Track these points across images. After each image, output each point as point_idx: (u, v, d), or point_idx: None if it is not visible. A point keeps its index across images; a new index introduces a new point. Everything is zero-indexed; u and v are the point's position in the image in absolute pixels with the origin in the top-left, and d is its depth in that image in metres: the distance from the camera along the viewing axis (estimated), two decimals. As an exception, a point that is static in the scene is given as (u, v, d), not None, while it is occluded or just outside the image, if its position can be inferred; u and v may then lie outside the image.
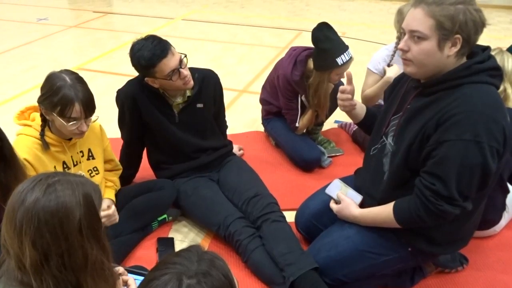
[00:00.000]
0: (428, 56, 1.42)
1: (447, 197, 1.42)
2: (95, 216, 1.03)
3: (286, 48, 4.79)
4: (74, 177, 1.04)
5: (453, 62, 1.44)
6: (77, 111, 1.67)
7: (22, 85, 3.89)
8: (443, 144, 1.40)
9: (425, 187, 1.45)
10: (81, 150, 1.90)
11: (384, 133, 1.70)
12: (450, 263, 1.90)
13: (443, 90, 1.45)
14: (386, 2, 7.00)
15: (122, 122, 2.18)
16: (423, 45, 1.41)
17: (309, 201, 2.03)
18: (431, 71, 1.47)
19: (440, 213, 1.45)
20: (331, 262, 1.71)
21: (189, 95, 2.14)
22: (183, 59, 2.00)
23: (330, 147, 2.87)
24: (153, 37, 1.97)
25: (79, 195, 1.00)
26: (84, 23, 5.87)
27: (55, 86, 1.67)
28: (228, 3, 7.03)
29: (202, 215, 2.09)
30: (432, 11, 1.38)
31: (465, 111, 1.37)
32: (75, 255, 0.99)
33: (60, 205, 0.97)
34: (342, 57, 2.39)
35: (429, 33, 1.39)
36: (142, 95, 2.08)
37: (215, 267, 0.88)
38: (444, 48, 1.40)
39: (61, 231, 0.97)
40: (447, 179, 1.40)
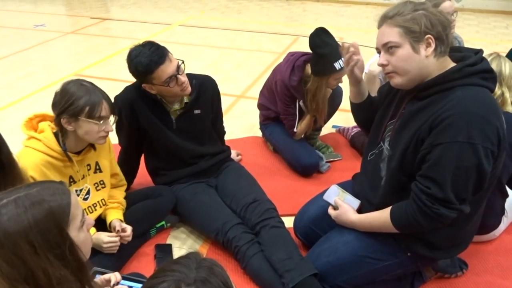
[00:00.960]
0: (407, 61, 1.46)
1: (442, 200, 1.42)
2: (54, 232, 0.96)
3: (284, 53, 4.80)
4: (29, 193, 0.97)
5: (434, 61, 1.46)
6: (106, 110, 1.74)
7: (19, 91, 3.88)
8: (437, 147, 1.40)
9: (420, 191, 1.45)
10: (88, 163, 1.90)
11: (381, 139, 1.70)
12: (450, 268, 1.89)
13: (436, 93, 1.46)
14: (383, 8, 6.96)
15: (120, 129, 2.17)
16: (399, 52, 1.46)
17: (308, 206, 2.03)
18: (416, 76, 1.49)
19: (436, 216, 1.44)
20: (331, 268, 1.70)
21: (187, 102, 2.14)
22: (181, 65, 2.00)
23: (328, 152, 2.87)
24: (151, 43, 1.97)
25: (28, 216, 0.93)
26: (81, 29, 5.87)
27: (76, 92, 1.70)
28: (225, 9, 7.05)
29: (201, 221, 2.09)
30: (395, 21, 1.45)
31: (458, 113, 1.38)
32: (38, 277, 0.94)
33: (5, 233, 0.91)
34: (340, 62, 2.39)
35: (400, 40, 1.45)
36: (140, 102, 2.08)
37: (214, 274, 0.87)
38: (420, 50, 1.44)
39: (15, 258, 0.92)
40: (442, 182, 1.41)
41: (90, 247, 1.11)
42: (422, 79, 1.48)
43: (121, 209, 2.02)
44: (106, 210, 1.97)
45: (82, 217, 1.05)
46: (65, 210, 0.99)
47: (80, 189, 1.87)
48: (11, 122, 3.28)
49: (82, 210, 1.06)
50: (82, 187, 1.88)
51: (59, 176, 1.80)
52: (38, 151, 1.75)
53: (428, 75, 1.47)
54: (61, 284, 0.95)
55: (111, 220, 1.92)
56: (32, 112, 1.87)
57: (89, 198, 1.91)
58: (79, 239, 1.02)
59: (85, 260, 1.04)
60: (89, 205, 1.90)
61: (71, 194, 1.02)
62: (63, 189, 1.02)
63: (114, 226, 1.89)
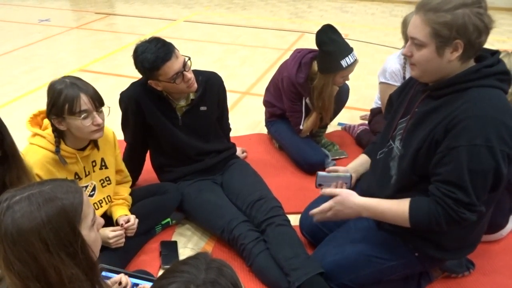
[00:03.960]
0: (428, 61, 1.43)
1: (467, 203, 1.40)
2: (66, 230, 0.96)
3: (289, 50, 4.78)
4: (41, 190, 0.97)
5: (457, 66, 1.43)
6: (85, 102, 1.67)
7: (24, 86, 3.88)
8: (454, 150, 1.38)
9: (445, 195, 1.42)
10: (94, 160, 1.88)
11: (391, 137, 1.68)
12: (457, 268, 1.88)
13: (451, 94, 1.44)
14: (388, 4, 6.98)
15: (126, 125, 2.16)
16: (423, 51, 1.43)
17: (314, 204, 2.00)
18: (434, 75, 1.47)
19: (461, 220, 1.42)
20: (337, 267, 1.69)
21: (193, 98, 2.13)
22: (187, 62, 1.99)
23: (334, 149, 2.85)
24: (157, 39, 1.96)
25: (41, 213, 0.93)
26: (86, 24, 5.86)
27: (57, 90, 1.67)
28: (230, 4, 7.02)
29: (206, 218, 2.08)
30: (428, 19, 1.38)
31: (475, 116, 1.36)
32: (49, 275, 0.94)
33: (19, 230, 0.92)
34: (347, 60, 2.38)
35: (427, 40, 1.40)
36: (146, 98, 2.07)
37: (224, 275, 0.86)
38: (444, 54, 1.40)
39: (27, 255, 0.92)
40: (466, 187, 1.39)
41: (99, 247, 1.10)
42: (441, 77, 1.46)
43: (127, 205, 2.01)
44: (112, 206, 1.97)
45: (94, 217, 1.05)
46: (77, 208, 0.99)
47: (85, 185, 1.86)
48: (15, 117, 3.27)
49: (93, 210, 1.06)
50: (87, 183, 1.87)
51: (64, 173, 1.79)
52: (43, 148, 1.74)
53: (447, 75, 1.45)
54: (72, 282, 0.95)
55: (117, 217, 1.91)
56: (37, 108, 1.86)
57: (95, 194, 1.90)
58: (90, 238, 1.01)
59: (95, 259, 1.03)
60: (95, 201, 1.89)
61: (83, 193, 1.02)
62: (75, 188, 1.02)
63: (120, 222, 1.89)
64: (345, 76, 2.47)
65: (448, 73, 1.44)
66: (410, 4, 6.90)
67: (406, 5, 6.88)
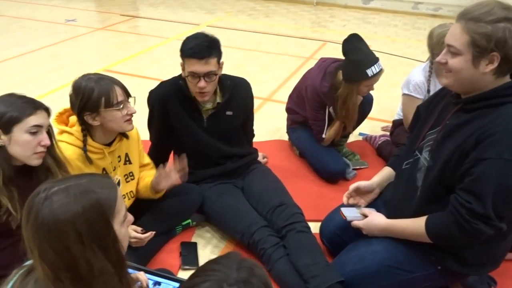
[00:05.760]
0: (461, 70, 1.43)
1: (483, 215, 1.39)
2: (100, 223, 0.98)
3: (311, 58, 4.80)
4: (78, 183, 0.99)
5: (491, 79, 1.42)
6: (120, 94, 1.74)
7: (48, 84, 3.96)
8: (482, 162, 1.38)
9: (460, 204, 1.43)
10: (119, 155, 1.92)
11: (418, 148, 1.68)
12: (478, 285, 1.86)
13: (485, 108, 1.44)
14: (411, 17, 6.96)
15: (151, 124, 2.20)
16: (458, 60, 1.43)
17: (335, 213, 2.01)
18: (467, 85, 1.47)
19: (474, 231, 1.42)
20: (357, 276, 1.69)
21: (219, 101, 2.15)
22: (214, 76, 2.00)
23: (354, 159, 2.85)
24: (205, 35, 2.02)
25: (77, 204, 0.96)
26: (111, 25, 5.96)
27: (87, 87, 1.71)
28: (252, 11, 7.07)
29: (226, 221, 2.09)
30: (468, 28, 1.38)
31: (506, 130, 1.36)
32: (80, 268, 0.96)
33: (55, 220, 0.94)
34: (373, 69, 2.38)
35: (463, 49, 1.40)
36: (173, 98, 2.10)
37: (255, 275, 0.87)
38: (479, 65, 1.40)
39: (61, 245, 0.94)
40: (484, 198, 1.38)
41: (127, 243, 1.12)
42: (473, 90, 1.46)
43: None
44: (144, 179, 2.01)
45: (125, 213, 1.07)
46: (111, 203, 1.01)
47: (111, 180, 1.90)
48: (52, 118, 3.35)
49: (125, 206, 1.08)
50: (113, 178, 1.90)
51: (93, 168, 1.82)
52: (72, 145, 1.78)
53: (480, 88, 1.44)
54: (101, 275, 0.97)
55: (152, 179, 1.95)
56: (62, 106, 1.90)
57: (119, 189, 1.94)
58: (121, 234, 1.04)
59: (124, 254, 1.06)
60: (119, 196, 1.93)
61: (117, 189, 1.04)
62: (110, 183, 1.05)
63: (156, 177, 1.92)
64: (370, 86, 2.47)
65: (481, 86, 1.44)
66: (435, 17, 6.88)
67: (430, 18, 6.84)
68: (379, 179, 1.90)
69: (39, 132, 1.54)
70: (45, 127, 1.57)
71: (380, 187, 1.89)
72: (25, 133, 1.51)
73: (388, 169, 1.94)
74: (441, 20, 6.64)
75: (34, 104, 1.55)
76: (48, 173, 1.65)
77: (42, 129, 1.55)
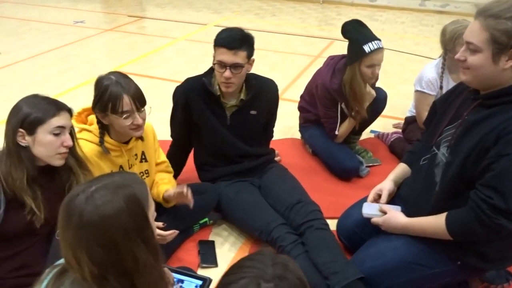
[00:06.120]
0: (481, 67, 1.44)
1: (504, 211, 1.40)
2: (140, 216, 1.01)
3: (319, 57, 4.81)
4: (113, 180, 1.02)
5: (511, 75, 1.43)
6: (127, 104, 1.70)
7: (59, 86, 3.99)
8: (503, 158, 1.39)
9: (481, 200, 1.44)
10: (135, 153, 1.94)
11: (435, 143, 1.69)
12: (496, 279, 1.87)
13: (505, 103, 1.44)
14: (418, 14, 6.95)
15: (173, 119, 2.22)
16: (477, 56, 1.43)
17: (352, 210, 2.03)
18: (486, 82, 1.48)
19: (496, 227, 1.43)
20: (377, 272, 1.70)
21: (243, 98, 2.17)
22: (241, 68, 2.01)
23: (367, 156, 2.86)
24: (240, 30, 2.04)
25: (119, 199, 0.98)
26: (119, 26, 5.99)
27: (103, 86, 1.72)
28: (259, 10, 7.09)
29: (244, 219, 2.11)
30: (487, 24, 1.39)
31: None
32: (126, 261, 0.98)
33: (102, 216, 0.95)
34: (370, 45, 2.34)
35: (483, 46, 1.41)
36: (197, 93, 2.13)
37: (290, 270, 0.89)
38: (499, 61, 1.40)
39: (109, 241, 0.96)
40: (506, 193, 1.39)
41: None
42: (492, 86, 1.47)
43: (172, 185, 2.04)
44: (159, 185, 2.02)
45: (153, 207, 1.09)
46: (145, 197, 1.04)
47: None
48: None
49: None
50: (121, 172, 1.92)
51: (111, 165, 1.85)
52: (91, 142, 1.81)
53: (499, 84, 1.46)
54: (145, 268, 1.00)
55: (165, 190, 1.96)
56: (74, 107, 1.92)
57: (135, 187, 1.96)
58: (154, 227, 1.06)
59: None
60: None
61: (146, 184, 1.07)
62: (139, 179, 1.08)
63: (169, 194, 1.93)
64: (372, 67, 2.41)
65: (500, 82, 1.45)
66: (442, 14, 6.86)
67: (437, 15, 6.83)
68: (395, 177, 1.91)
69: (62, 133, 1.57)
70: (68, 128, 1.60)
71: (396, 184, 1.90)
72: (48, 134, 1.54)
73: (403, 165, 1.95)
74: (448, 16, 6.63)
75: (57, 105, 1.58)
76: (70, 173, 1.67)
77: (65, 130, 1.58)
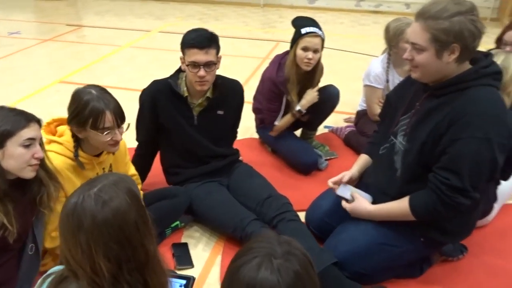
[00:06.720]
0: (428, 64, 1.59)
1: (461, 189, 1.56)
2: (142, 208, 1.06)
3: (267, 58, 4.93)
4: (110, 179, 1.05)
5: (454, 67, 1.59)
6: (110, 120, 1.70)
7: (7, 99, 3.79)
8: (456, 142, 1.54)
9: (440, 182, 1.59)
10: (104, 166, 1.93)
11: (392, 133, 1.83)
12: (453, 252, 2.05)
13: (452, 92, 1.60)
14: (356, 14, 7.29)
15: (140, 121, 2.22)
16: (423, 55, 1.58)
17: (320, 200, 2.14)
18: (434, 75, 1.63)
19: (455, 204, 1.58)
20: (350, 256, 1.81)
21: (209, 96, 2.21)
22: (212, 66, 2.06)
23: (324, 150, 3.00)
24: (205, 30, 2.08)
25: (123, 193, 1.01)
26: (58, 36, 5.79)
27: (83, 100, 1.70)
28: (202, 15, 7.11)
29: (217, 218, 2.15)
30: (428, 25, 1.54)
31: (476, 112, 1.53)
32: (138, 254, 1.02)
33: (115, 212, 0.99)
34: (307, 29, 2.51)
35: (427, 45, 1.56)
36: (163, 95, 2.15)
37: (295, 247, 0.96)
38: (443, 56, 1.56)
39: (123, 236, 0.99)
40: (461, 173, 1.55)
41: None
42: (440, 78, 1.62)
43: None
44: None
45: None
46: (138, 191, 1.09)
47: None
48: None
49: None
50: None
51: (81, 179, 1.82)
52: (61, 155, 1.77)
53: (446, 76, 1.61)
54: (153, 257, 1.04)
55: None
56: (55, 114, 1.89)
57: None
58: None
59: None
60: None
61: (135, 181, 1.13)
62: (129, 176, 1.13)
63: None
64: (307, 52, 2.52)
65: (446, 74, 1.61)
66: (376, 13, 7.25)
67: (372, 14, 7.22)
68: (358, 167, 2.04)
69: (33, 145, 1.54)
70: (38, 139, 1.57)
71: (360, 172, 2.03)
72: (18, 146, 1.50)
73: (365, 156, 2.08)
74: (382, 16, 7.03)
75: (26, 116, 1.54)
76: (41, 185, 1.64)
77: (35, 141, 1.55)
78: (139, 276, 1.04)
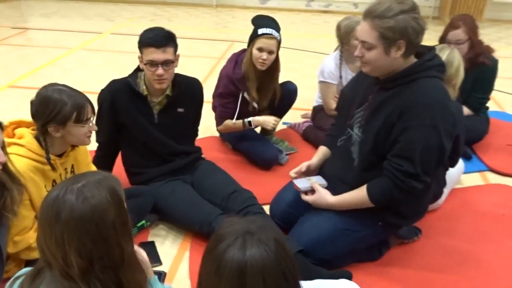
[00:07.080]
0: (377, 60, 1.70)
1: (414, 174, 1.68)
2: (123, 209, 1.07)
3: (222, 58, 4.97)
4: (95, 176, 1.06)
5: (401, 61, 1.72)
6: (89, 111, 1.77)
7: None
8: (407, 130, 1.66)
9: (394, 168, 1.70)
10: (66, 166, 1.91)
11: (349, 125, 1.94)
12: (408, 235, 2.19)
13: (401, 85, 1.72)
14: (306, 14, 7.47)
15: (100, 122, 2.20)
16: (372, 52, 1.70)
17: (283, 193, 2.21)
18: (383, 70, 1.75)
19: (410, 189, 1.70)
20: (314, 243, 1.89)
21: (168, 94, 2.22)
22: (170, 65, 2.08)
23: (284, 146, 3.08)
24: (162, 29, 2.09)
25: (105, 192, 1.02)
26: (4, 39, 5.55)
27: (59, 99, 1.70)
28: (154, 16, 7.05)
29: (183, 215, 2.17)
30: (375, 24, 1.65)
31: (423, 102, 1.65)
32: (113, 254, 1.03)
33: (93, 209, 1.00)
34: (264, 30, 2.57)
35: (375, 42, 1.67)
36: (122, 94, 2.15)
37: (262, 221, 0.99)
38: (390, 52, 1.67)
39: (99, 234, 1.00)
40: (413, 159, 1.67)
41: None
42: (389, 72, 1.74)
43: None
44: None
45: None
46: (122, 191, 1.09)
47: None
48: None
49: None
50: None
51: (44, 180, 1.80)
52: (23, 157, 1.75)
53: (394, 70, 1.73)
54: (129, 257, 1.05)
55: None
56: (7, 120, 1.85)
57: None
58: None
59: None
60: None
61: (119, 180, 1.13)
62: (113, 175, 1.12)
63: None
64: (262, 52, 2.56)
65: (395, 68, 1.73)
66: (326, 13, 7.47)
67: (322, 14, 7.43)
68: (318, 158, 2.14)
69: None
70: (0, 143, 1.54)
71: (319, 162, 2.12)
72: None
73: (324, 148, 2.18)
74: (332, 15, 7.25)
75: None
76: (3, 189, 1.61)
77: None
78: (113, 275, 1.05)
